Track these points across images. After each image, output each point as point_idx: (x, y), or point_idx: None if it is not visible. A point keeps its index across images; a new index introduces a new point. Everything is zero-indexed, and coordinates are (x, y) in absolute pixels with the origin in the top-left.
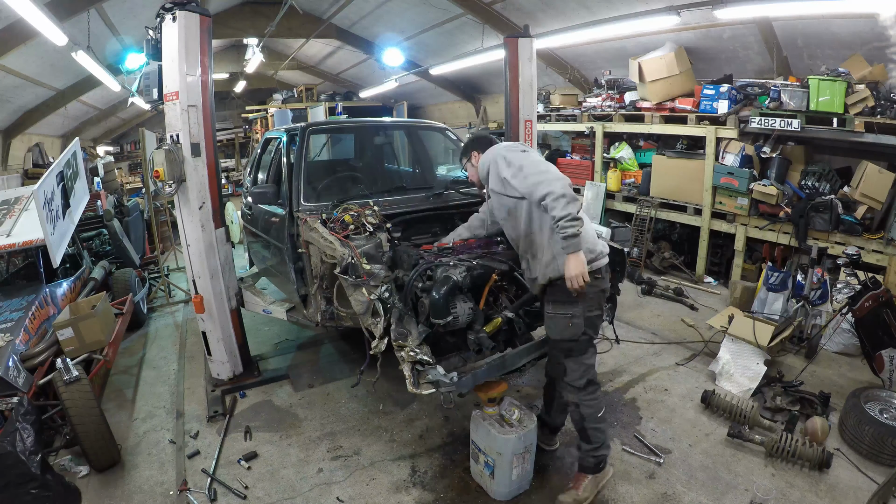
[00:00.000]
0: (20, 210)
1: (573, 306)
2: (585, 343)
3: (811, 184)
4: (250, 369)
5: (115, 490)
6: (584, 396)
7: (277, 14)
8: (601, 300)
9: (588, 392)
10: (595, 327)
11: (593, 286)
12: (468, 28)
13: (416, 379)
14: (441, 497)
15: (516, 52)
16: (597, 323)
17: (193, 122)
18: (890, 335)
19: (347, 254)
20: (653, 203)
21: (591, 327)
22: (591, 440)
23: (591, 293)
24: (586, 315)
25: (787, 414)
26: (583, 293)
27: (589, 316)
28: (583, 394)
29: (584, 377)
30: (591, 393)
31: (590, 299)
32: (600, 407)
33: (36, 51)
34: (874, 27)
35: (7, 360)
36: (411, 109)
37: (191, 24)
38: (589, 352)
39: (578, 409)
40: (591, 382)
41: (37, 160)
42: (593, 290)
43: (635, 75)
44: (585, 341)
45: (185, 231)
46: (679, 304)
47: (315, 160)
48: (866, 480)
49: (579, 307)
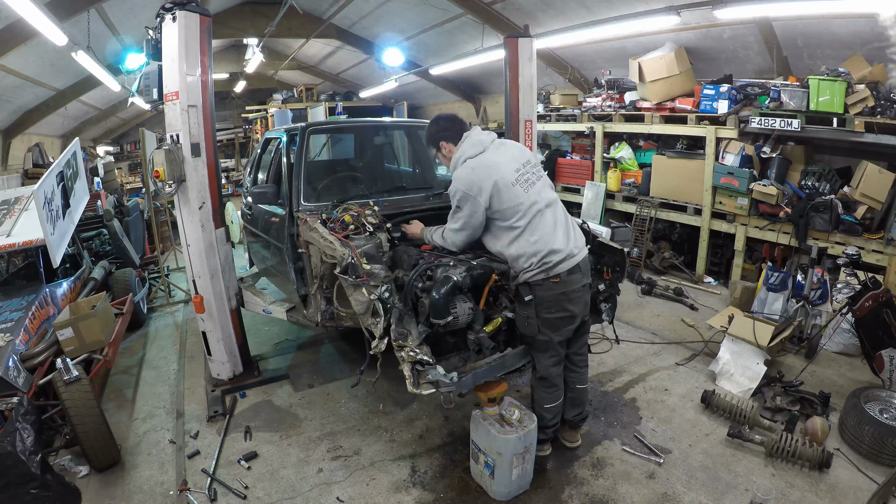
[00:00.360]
0: (20, 210)
1: (527, 307)
2: (543, 343)
3: (811, 184)
4: (250, 369)
5: (115, 490)
6: (537, 385)
7: (277, 14)
8: (563, 303)
9: (542, 384)
10: (556, 329)
11: (549, 289)
12: (468, 28)
13: (416, 379)
14: (441, 497)
15: (516, 52)
16: (559, 326)
17: (193, 122)
18: (890, 335)
19: (347, 254)
20: (653, 203)
21: (551, 328)
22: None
23: (548, 296)
24: (542, 316)
25: (787, 414)
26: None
27: (546, 317)
28: (537, 383)
29: (540, 373)
30: (545, 388)
31: (546, 302)
32: (551, 401)
33: (36, 51)
34: (874, 27)
35: (7, 360)
36: (411, 109)
37: (191, 24)
38: (549, 352)
39: (532, 391)
40: (544, 379)
41: (37, 160)
42: (549, 293)
43: (635, 75)
44: (543, 341)
45: (185, 231)
46: (679, 304)
47: (315, 160)
48: (866, 480)
49: (532, 309)
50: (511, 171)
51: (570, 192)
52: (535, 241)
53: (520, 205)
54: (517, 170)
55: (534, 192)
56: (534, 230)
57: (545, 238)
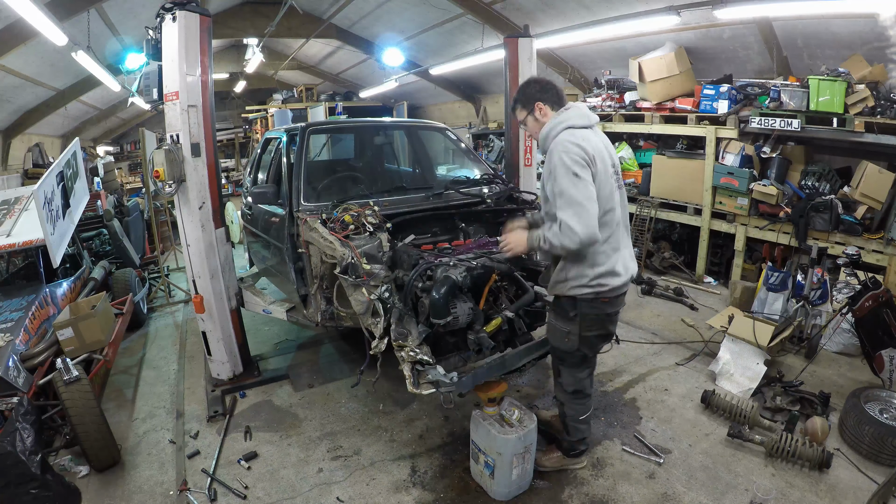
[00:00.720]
0: (20, 210)
1: (571, 323)
2: (579, 359)
3: (811, 184)
4: (250, 369)
5: (115, 490)
6: (570, 400)
7: (277, 14)
8: (605, 323)
9: (575, 398)
10: (593, 347)
11: (596, 309)
12: (468, 28)
13: (416, 379)
14: (441, 497)
15: (516, 52)
16: (596, 343)
17: (193, 122)
18: (890, 335)
19: (347, 254)
20: (653, 203)
21: (588, 346)
22: (571, 433)
23: (592, 315)
24: (583, 335)
25: (787, 414)
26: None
27: (586, 336)
28: (569, 398)
29: (574, 386)
30: (578, 400)
31: (590, 321)
32: (585, 412)
33: (36, 51)
34: (874, 27)
35: (7, 360)
36: (411, 109)
37: (191, 24)
38: (583, 367)
39: (563, 408)
40: (578, 392)
41: (37, 160)
42: (595, 312)
43: (635, 75)
44: (580, 357)
45: (185, 231)
46: (679, 304)
47: (315, 160)
48: (866, 480)
49: (576, 325)
50: (608, 156)
51: None
52: (604, 254)
53: (610, 203)
54: (612, 162)
55: (621, 193)
56: (609, 240)
57: (614, 256)
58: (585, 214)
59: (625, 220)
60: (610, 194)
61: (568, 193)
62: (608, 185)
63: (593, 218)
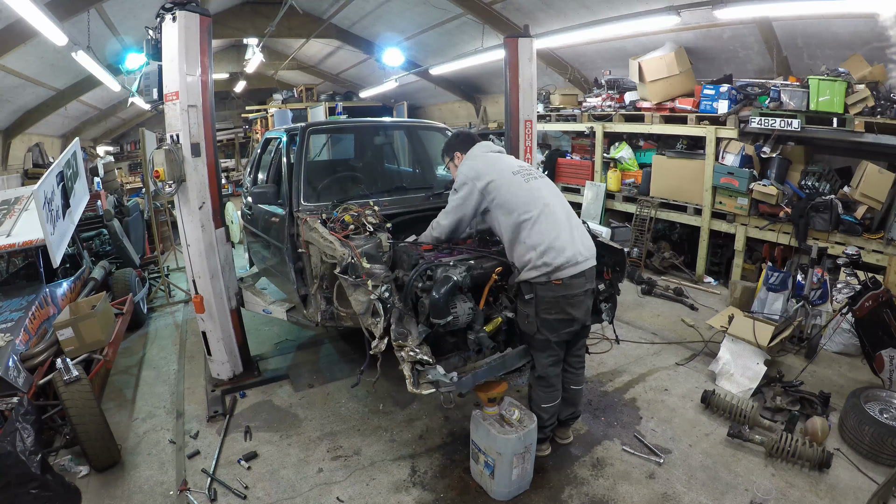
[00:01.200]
0: (20, 210)
1: (528, 306)
2: (542, 342)
3: (811, 184)
4: (250, 369)
5: (115, 490)
6: (535, 384)
7: (277, 14)
8: (563, 306)
9: (539, 384)
10: (554, 330)
11: (550, 290)
12: (468, 28)
13: (416, 379)
14: (441, 497)
15: (516, 52)
16: (557, 327)
17: (193, 122)
18: (890, 335)
19: (347, 254)
20: (653, 203)
21: (548, 329)
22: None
23: (549, 297)
24: (541, 316)
25: (787, 414)
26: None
27: (545, 318)
28: (535, 382)
29: (538, 371)
30: (542, 387)
31: (546, 303)
32: (548, 400)
33: (36, 51)
34: (874, 27)
35: (7, 360)
36: (411, 109)
37: (191, 24)
38: (546, 352)
39: (530, 391)
40: (542, 378)
41: (37, 160)
42: (550, 294)
43: (635, 75)
44: (542, 341)
45: (185, 231)
46: (679, 304)
47: (315, 160)
48: (866, 480)
49: (533, 308)
50: (512, 163)
51: (570, 192)
52: (537, 233)
53: (522, 195)
54: (520, 166)
55: (535, 185)
56: (538, 223)
57: (549, 233)
58: (444, 217)
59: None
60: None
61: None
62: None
63: (447, 220)
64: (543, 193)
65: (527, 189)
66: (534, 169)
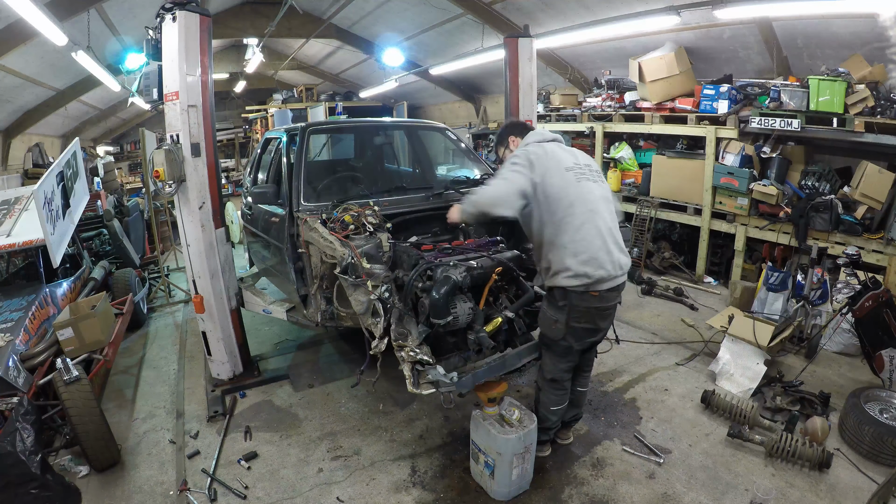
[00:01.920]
0: (20, 210)
1: (560, 312)
2: (563, 349)
3: (811, 184)
4: (250, 369)
5: (115, 490)
6: (546, 387)
7: (277, 14)
8: (594, 317)
9: (551, 386)
10: (579, 338)
11: (586, 301)
12: (468, 28)
13: (416, 379)
14: (441, 497)
15: (516, 52)
16: (583, 336)
17: (193, 122)
18: (890, 335)
19: (347, 254)
20: (653, 203)
21: (574, 337)
22: (540, 420)
23: (581, 307)
24: (571, 325)
25: (787, 414)
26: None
27: (574, 326)
28: (546, 384)
29: (552, 375)
30: (553, 389)
31: (578, 312)
32: (558, 403)
33: (36, 51)
34: (874, 27)
35: (7, 360)
36: (411, 109)
37: (191, 24)
38: (565, 358)
39: (539, 393)
40: (555, 381)
41: (37, 160)
42: (584, 304)
43: (635, 75)
44: (564, 347)
45: (185, 231)
46: (679, 304)
47: (315, 160)
48: (866, 480)
49: (565, 315)
50: (568, 159)
51: None
52: (581, 240)
53: (571, 194)
54: (574, 162)
55: (586, 187)
56: (581, 229)
57: (593, 242)
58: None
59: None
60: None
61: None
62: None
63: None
64: (593, 197)
65: (576, 189)
66: (592, 167)
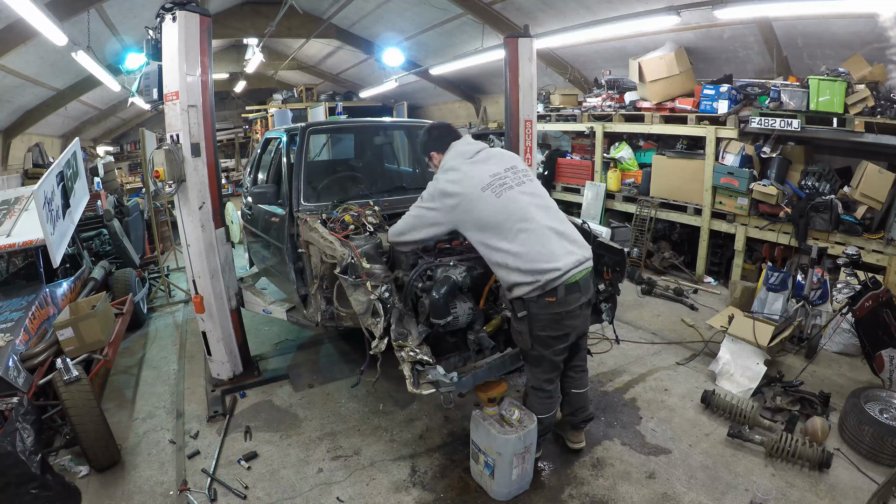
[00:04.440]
0: (20, 210)
1: (521, 323)
2: (535, 358)
3: (811, 184)
4: (250, 369)
5: (115, 490)
6: (531, 393)
7: (277, 14)
8: (558, 323)
9: (535, 394)
10: (548, 346)
11: (544, 307)
12: (468, 28)
13: (416, 379)
14: (441, 497)
15: (516, 52)
16: (551, 344)
17: (193, 122)
18: (890, 335)
19: (347, 254)
20: (653, 203)
21: (543, 345)
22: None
23: (543, 315)
24: (535, 334)
25: (787, 414)
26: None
27: (539, 335)
28: (531, 391)
29: (532, 383)
30: (538, 397)
31: (541, 320)
32: (544, 411)
33: (36, 51)
34: (874, 27)
35: (7, 360)
36: (411, 109)
37: (191, 24)
38: (541, 367)
39: (526, 397)
40: (536, 389)
41: (37, 160)
42: (544, 311)
43: (635, 75)
44: (535, 356)
45: (185, 231)
46: (679, 304)
47: (315, 160)
48: (866, 480)
49: (526, 325)
50: (485, 176)
51: (570, 192)
52: (522, 252)
53: (494, 216)
54: (493, 174)
55: (509, 196)
56: (515, 240)
57: (534, 248)
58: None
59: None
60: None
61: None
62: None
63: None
64: (519, 206)
65: (499, 205)
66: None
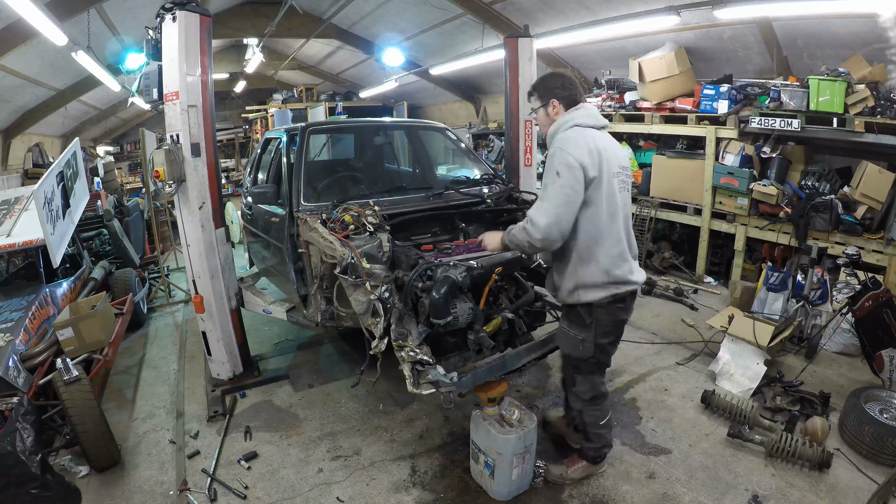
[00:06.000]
0: (20, 210)
1: (586, 330)
2: (594, 365)
3: (811, 184)
4: (250, 369)
5: (115, 490)
6: (588, 407)
7: (277, 14)
8: (618, 329)
9: (593, 404)
10: (607, 353)
11: (610, 314)
12: (468, 28)
13: (416, 379)
14: (441, 497)
15: (516, 52)
16: (609, 350)
17: (193, 122)
18: (890, 335)
19: (347, 254)
20: (653, 203)
21: (603, 353)
22: (592, 440)
23: (606, 321)
24: (598, 342)
25: (787, 414)
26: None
27: (600, 343)
28: (588, 405)
29: (591, 393)
30: (597, 405)
31: (604, 326)
32: (604, 416)
33: (36, 51)
34: (874, 27)
35: (7, 360)
36: (411, 109)
37: (191, 24)
38: (598, 373)
39: (582, 416)
40: (596, 397)
41: (37, 160)
42: (609, 318)
43: (635, 75)
44: (594, 363)
45: (185, 231)
46: (679, 304)
47: (315, 160)
48: (866, 480)
49: (591, 332)
50: (614, 160)
51: None
52: (616, 253)
53: (613, 206)
54: (621, 166)
55: (623, 198)
56: (618, 243)
57: (623, 255)
58: (553, 212)
59: (627, 224)
60: (612, 191)
61: (546, 190)
62: (610, 182)
63: (547, 217)
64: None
65: (620, 199)
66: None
